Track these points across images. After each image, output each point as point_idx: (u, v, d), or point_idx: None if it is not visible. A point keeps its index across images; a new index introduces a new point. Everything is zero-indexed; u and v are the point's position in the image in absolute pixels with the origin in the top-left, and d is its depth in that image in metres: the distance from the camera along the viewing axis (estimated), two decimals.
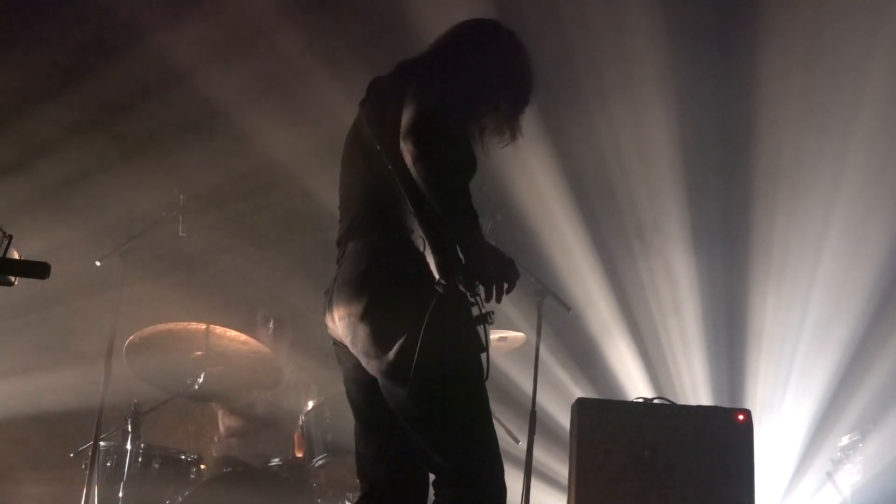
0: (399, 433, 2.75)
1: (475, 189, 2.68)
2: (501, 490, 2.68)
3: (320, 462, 4.60)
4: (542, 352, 4.85)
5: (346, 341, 2.79)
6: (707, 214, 7.45)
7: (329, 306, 2.84)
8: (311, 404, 4.68)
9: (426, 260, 2.65)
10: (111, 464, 4.32)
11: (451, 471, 2.65)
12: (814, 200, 7.09)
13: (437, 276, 2.58)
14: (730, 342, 7.31)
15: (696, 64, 7.40)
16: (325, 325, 2.91)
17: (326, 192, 6.61)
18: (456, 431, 2.65)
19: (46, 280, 2.35)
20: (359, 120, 2.96)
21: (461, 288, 2.58)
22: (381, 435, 2.85)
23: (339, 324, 2.78)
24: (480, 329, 2.67)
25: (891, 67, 6.51)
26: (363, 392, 2.87)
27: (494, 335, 4.85)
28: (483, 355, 2.67)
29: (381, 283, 2.69)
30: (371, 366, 2.72)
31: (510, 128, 2.99)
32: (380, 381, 2.72)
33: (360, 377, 2.85)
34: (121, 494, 4.21)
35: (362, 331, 2.68)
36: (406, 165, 2.58)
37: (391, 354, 2.62)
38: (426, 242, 2.64)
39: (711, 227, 7.44)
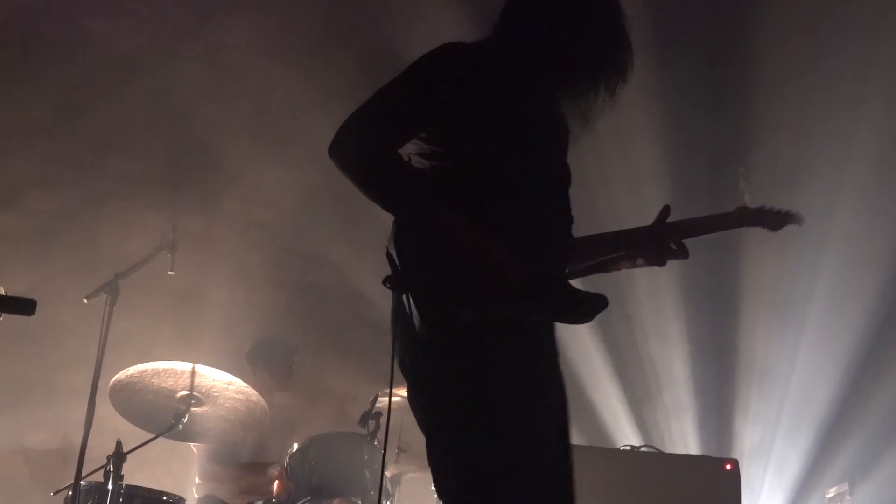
0: None
1: None
2: None
3: None
4: None
5: None
6: (696, 251, 7.35)
7: None
8: (296, 445, 4.64)
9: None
10: None
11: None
12: (805, 243, 6.99)
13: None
14: (718, 390, 7.27)
15: (685, 80, 7.27)
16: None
17: (317, 231, 6.66)
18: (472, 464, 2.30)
19: (32, 316, 2.33)
20: None
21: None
22: None
23: None
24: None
25: (889, 75, 6.42)
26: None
27: None
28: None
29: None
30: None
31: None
32: None
33: None
34: None
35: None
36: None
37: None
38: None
39: (700, 269, 7.33)
